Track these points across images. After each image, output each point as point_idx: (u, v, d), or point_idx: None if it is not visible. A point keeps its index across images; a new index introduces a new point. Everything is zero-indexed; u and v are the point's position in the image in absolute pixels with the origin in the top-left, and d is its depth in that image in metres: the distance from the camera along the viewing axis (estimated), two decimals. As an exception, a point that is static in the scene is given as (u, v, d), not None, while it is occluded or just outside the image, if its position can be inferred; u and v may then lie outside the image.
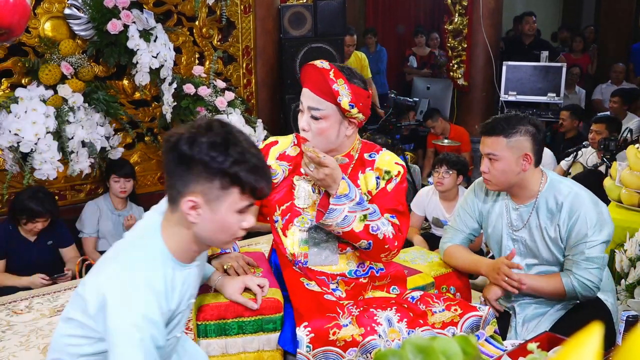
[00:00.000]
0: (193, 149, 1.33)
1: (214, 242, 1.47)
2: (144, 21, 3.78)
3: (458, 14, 6.23)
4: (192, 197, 1.35)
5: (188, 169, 1.34)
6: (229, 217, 1.39)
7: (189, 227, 1.40)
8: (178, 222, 1.41)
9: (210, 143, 1.33)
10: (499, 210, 2.30)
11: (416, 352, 0.58)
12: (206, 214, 1.37)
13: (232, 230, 1.42)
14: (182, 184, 1.36)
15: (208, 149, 1.33)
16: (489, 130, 2.13)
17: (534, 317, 2.24)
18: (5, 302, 3.04)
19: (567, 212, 2.13)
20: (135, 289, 1.34)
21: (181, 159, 1.34)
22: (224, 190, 1.36)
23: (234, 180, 1.35)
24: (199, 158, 1.33)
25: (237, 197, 1.37)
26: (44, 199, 3.26)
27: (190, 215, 1.36)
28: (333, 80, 1.83)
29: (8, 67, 3.65)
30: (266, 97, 4.84)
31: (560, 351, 0.49)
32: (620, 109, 5.53)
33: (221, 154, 1.33)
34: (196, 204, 1.35)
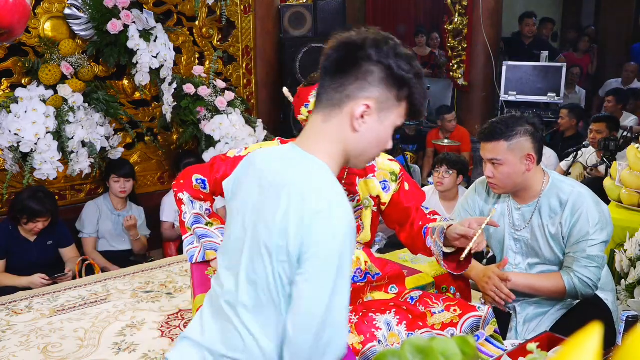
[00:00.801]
0: (380, 52, 1.26)
1: (362, 156, 1.35)
2: (144, 21, 3.78)
3: (458, 14, 6.23)
4: (368, 102, 1.27)
5: (368, 72, 1.26)
6: (388, 131, 1.32)
7: (341, 140, 1.30)
8: (331, 133, 1.30)
9: (397, 51, 1.27)
10: (501, 210, 2.30)
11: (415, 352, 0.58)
12: (372, 123, 1.29)
13: (384, 146, 1.35)
14: (357, 87, 1.27)
15: (395, 56, 1.27)
16: (488, 136, 2.12)
17: (534, 317, 2.24)
18: (5, 302, 3.05)
19: (570, 210, 2.13)
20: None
21: (364, 60, 1.26)
22: (398, 102, 1.30)
23: (410, 94, 1.30)
24: (386, 63, 1.26)
25: (402, 112, 1.32)
26: (45, 199, 3.27)
27: (358, 121, 1.27)
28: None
29: (8, 67, 3.65)
30: (266, 97, 4.84)
31: (560, 351, 0.49)
32: (615, 108, 5.55)
33: (407, 64, 1.27)
34: (369, 110, 1.27)
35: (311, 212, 1.18)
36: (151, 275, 3.40)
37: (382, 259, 2.16)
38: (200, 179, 2.01)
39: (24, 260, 3.33)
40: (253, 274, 1.25)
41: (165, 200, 4.07)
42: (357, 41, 1.27)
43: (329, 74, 1.30)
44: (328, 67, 1.31)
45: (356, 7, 8.39)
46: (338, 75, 1.28)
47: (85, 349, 2.60)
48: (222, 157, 2.04)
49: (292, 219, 1.19)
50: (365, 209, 2.00)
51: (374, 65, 1.26)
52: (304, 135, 1.35)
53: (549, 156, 4.60)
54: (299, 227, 1.18)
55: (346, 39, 1.29)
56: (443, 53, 7.22)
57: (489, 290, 2.15)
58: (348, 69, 1.28)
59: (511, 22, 7.45)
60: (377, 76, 1.26)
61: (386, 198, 2.00)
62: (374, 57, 1.26)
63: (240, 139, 4.03)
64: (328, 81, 1.30)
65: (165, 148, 4.34)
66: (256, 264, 1.24)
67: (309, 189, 1.21)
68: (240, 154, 2.00)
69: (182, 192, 2.04)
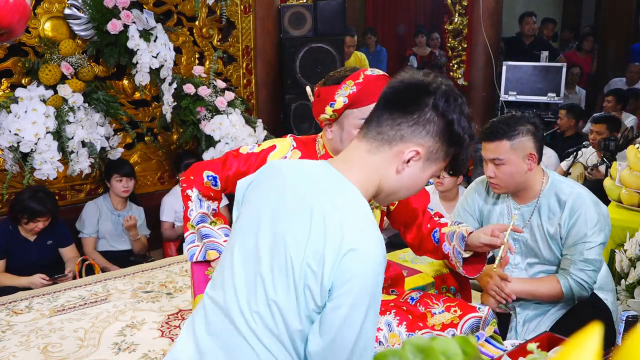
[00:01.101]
0: (448, 105, 1.25)
1: (392, 196, 1.34)
2: (144, 21, 3.78)
3: (458, 14, 6.23)
4: (420, 148, 1.25)
5: (430, 121, 1.25)
6: (425, 180, 1.32)
7: (380, 176, 1.28)
8: (373, 166, 1.28)
9: (462, 108, 1.27)
10: (500, 210, 2.30)
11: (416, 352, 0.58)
12: (416, 169, 1.28)
13: (415, 192, 1.36)
14: (414, 131, 1.25)
15: (460, 113, 1.26)
16: (490, 135, 2.11)
17: (534, 317, 2.24)
18: (5, 302, 3.05)
19: (569, 210, 2.13)
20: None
21: (429, 108, 1.25)
22: (444, 157, 1.29)
23: (456, 154, 1.30)
24: (450, 117, 1.25)
25: (444, 166, 1.32)
26: (45, 199, 3.27)
27: (403, 164, 1.26)
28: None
29: (8, 67, 3.65)
30: (266, 97, 4.84)
31: (560, 351, 0.49)
32: (614, 108, 5.55)
33: (468, 124, 1.28)
34: (418, 157, 1.26)
35: (349, 248, 1.15)
36: (151, 275, 3.40)
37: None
38: (211, 175, 1.98)
39: (24, 260, 3.33)
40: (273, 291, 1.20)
41: (165, 200, 4.07)
42: (430, 87, 1.26)
43: (388, 108, 1.28)
44: (390, 101, 1.29)
45: (356, 7, 8.39)
46: (398, 113, 1.27)
47: (85, 349, 2.60)
48: (234, 154, 2.00)
49: (330, 250, 1.16)
50: (376, 208, 1.99)
51: (438, 116, 1.25)
52: (342, 158, 1.31)
53: (549, 156, 4.60)
54: (335, 260, 1.15)
55: (419, 81, 1.29)
56: (443, 53, 7.22)
57: (490, 290, 2.15)
58: (411, 110, 1.26)
59: (511, 22, 7.46)
60: (437, 127, 1.26)
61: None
62: (441, 108, 1.25)
63: (240, 139, 4.03)
64: (386, 114, 1.28)
65: (165, 148, 4.34)
66: (276, 275, 1.20)
67: (348, 222, 1.18)
68: (253, 150, 1.97)
69: (191, 188, 2.00)
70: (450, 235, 1.95)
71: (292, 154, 1.95)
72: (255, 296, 1.21)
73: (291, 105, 4.75)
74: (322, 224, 1.18)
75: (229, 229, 2.04)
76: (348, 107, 1.81)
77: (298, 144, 1.97)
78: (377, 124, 1.28)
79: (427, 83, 1.27)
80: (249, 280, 1.23)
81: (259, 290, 1.21)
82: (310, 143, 1.98)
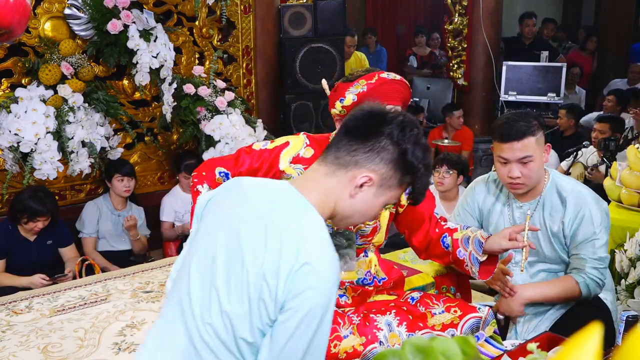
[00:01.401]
0: (403, 134, 1.30)
1: (346, 220, 1.39)
2: (144, 21, 3.78)
3: (458, 14, 6.23)
4: (372, 174, 1.30)
5: (383, 149, 1.30)
6: (378, 207, 1.37)
7: (335, 199, 1.33)
8: (329, 189, 1.33)
9: (417, 139, 1.32)
10: (500, 209, 2.30)
11: (416, 352, 0.58)
12: (369, 194, 1.33)
13: (369, 218, 1.40)
14: (368, 158, 1.30)
15: (414, 144, 1.31)
16: (515, 135, 2.07)
17: (534, 316, 2.24)
18: (5, 302, 3.04)
19: (572, 208, 2.14)
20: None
21: (384, 136, 1.30)
22: (399, 185, 1.34)
23: (412, 183, 1.35)
24: (403, 146, 1.30)
25: (399, 194, 1.37)
26: (45, 198, 3.27)
27: (356, 189, 1.31)
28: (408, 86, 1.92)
29: (8, 67, 3.65)
30: (266, 97, 4.84)
31: (560, 351, 0.49)
32: (614, 108, 5.55)
33: (422, 154, 1.33)
34: (370, 182, 1.31)
35: (304, 262, 1.18)
36: (151, 275, 3.40)
37: (387, 262, 2.16)
38: (223, 172, 1.97)
39: (24, 260, 3.33)
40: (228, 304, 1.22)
41: (165, 200, 4.07)
42: (387, 117, 1.32)
43: (348, 135, 1.33)
44: (350, 128, 1.35)
45: (356, 7, 8.39)
46: (355, 140, 1.32)
47: (85, 349, 2.60)
48: (246, 150, 2.00)
49: (285, 263, 1.19)
50: (385, 209, 1.99)
51: (392, 144, 1.30)
52: (302, 180, 1.37)
53: (549, 155, 4.59)
54: (290, 273, 1.18)
55: (378, 111, 1.34)
56: (443, 53, 7.22)
57: (494, 285, 2.17)
58: (367, 138, 1.31)
59: (511, 22, 7.46)
60: (390, 155, 1.30)
61: (405, 200, 2.00)
62: (395, 137, 1.30)
63: (240, 139, 4.03)
64: (344, 140, 1.33)
65: (165, 148, 4.34)
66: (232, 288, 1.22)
67: (305, 239, 1.22)
68: (267, 147, 1.97)
69: (202, 184, 1.99)
70: (464, 240, 1.97)
71: (305, 151, 1.95)
72: (209, 308, 1.24)
73: (291, 105, 4.75)
74: (279, 239, 1.21)
75: None
76: (357, 105, 1.82)
77: (311, 142, 1.97)
78: (336, 149, 1.34)
79: (385, 113, 1.33)
80: (205, 293, 1.25)
81: (214, 302, 1.23)
82: (323, 141, 1.98)
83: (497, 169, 2.18)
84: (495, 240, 1.90)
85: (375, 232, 2.00)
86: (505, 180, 2.16)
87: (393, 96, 1.85)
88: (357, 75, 1.88)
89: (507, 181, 2.15)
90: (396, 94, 1.86)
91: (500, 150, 2.11)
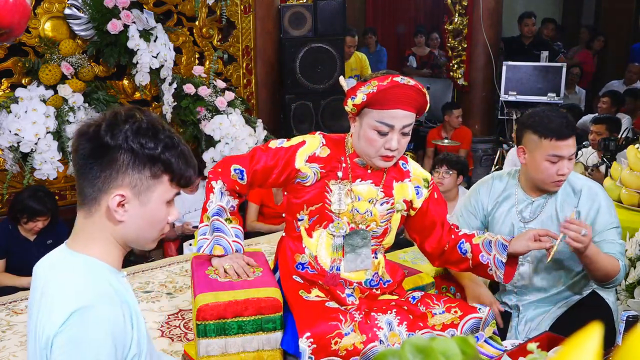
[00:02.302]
0: (117, 137, 1.19)
1: (141, 240, 1.30)
2: (144, 21, 3.78)
3: (458, 14, 6.23)
4: (120, 191, 1.21)
5: (111, 161, 1.20)
6: (158, 210, 1.26)
7: (108, 233, 1.25)
8: (94, 229, 1.25)
9: (136, 129, 1.20)
10: (507, 207, 2.29)
11: (415, 352, 0.58)
12: (135, 208, 1.23)
13: (161, 224, 1.29)
14: (105, 179, 1.21)
15: (135, 136, 1.20)
16: (566, 132, 2.09)
17: (534, 316, 2.24)
18: (5, 302, 3.05)
19: (586, 199, 2.18)
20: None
21: (103, 150, 1.19)
22: (155, 179, 1.23)
23: (166, 166, 1.24)
24: (126, 146, 1.19)
25: (167, 185, 1.26)
26: (44, 198, 3.27)
27: (118, 212, 1.22)
28: (424, 93, 1.88)
29: (8, 67, 3.65)
30: (266, 97, 4.84)
31: (560, 351, 0.49)
32: (609, 109, 5.55)
33: (150, 140, 1.21)
34: (125, 199, 1.21)
35: (54, 327, 1.13)
36: (151, 275, 3.40)
37: (393, 264, 2.17)
38: (238, 169, 1.97)
39: (24, 260, 3.33)
40: None
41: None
42: (90, 131, 1.20)
43: (78, 170, 1.24)
44: (76, 163, 1.25)
45: (356, 7, 8.39)
46: (86, 170, 1.22)
47: (85, 349, 2.60)
48: (262, 148, 2.00)
49: (44, 331, 1.14)
50: (397, 212, 2.00)
51: (115, 152, 1.19)
52: (74, 233, 1.29)
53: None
54: (47, 343, 1.13)
55: (80, 130, 1.22)
56: (442, 53, 7.22)
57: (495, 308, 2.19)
58: (92, 162, 1.21)
59: (511, 22, 7.45)
60: (122, 162, 1.20)
61: (418, 203, 2.02)
62: (112, 144, 1.19)
63: (240, 139, 4.03)
64: (81, 177, 1.24)
65: (165, 148, 4.34)
66: None
67: (57, 299, 1.16)
68: (282, 145, 1.97)
69: (216, 180, 1.99)
70: (485, 245, 2.01)
71: (321, 150, 1.95)
72: None
73: (291, 105, 4.75)
74: (41, 310, 1.18)
75: (240, 231, 2.04)
76: (366, 105, 1.83)
77: (327, 141, 1.97)
78: (80, 188, 1.26)
79: (86, 128, 1.21)
80: None
81: None
82: (340, 142, 1.99)
83: (542, 168, 2.12)
84: (520, 243, 1.96)
85: (386, 233, 2.01)
86: (552, 179, 2.13)
87: (403, 101, 1.82)
88: (372, 75, 1.87)
89: (555, 179, 2.13)
90: (407, 99, 1.82)
91: (554, 148, 2.08)
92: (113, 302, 1.19)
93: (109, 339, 1.14)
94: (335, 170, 1.94)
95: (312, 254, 1.98)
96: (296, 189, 1.96)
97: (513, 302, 2.30)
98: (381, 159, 1.88)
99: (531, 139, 2.14)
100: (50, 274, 1.24)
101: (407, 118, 1.84)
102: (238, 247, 2.02)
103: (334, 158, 1.95)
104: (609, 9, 8.28)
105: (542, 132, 2.10)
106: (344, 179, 1.94)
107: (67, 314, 1.13)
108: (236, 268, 1.98)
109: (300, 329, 1.80)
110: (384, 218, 1.98)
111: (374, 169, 1.96)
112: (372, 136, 1.85)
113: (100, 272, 1.23)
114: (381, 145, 1.84)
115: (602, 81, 7.27)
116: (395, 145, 1.84)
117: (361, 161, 1.95)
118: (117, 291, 1.22)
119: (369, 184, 1.96)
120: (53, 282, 1.21)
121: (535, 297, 2.26)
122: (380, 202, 1.97)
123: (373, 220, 1.97)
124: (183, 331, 2.78)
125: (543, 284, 2.27)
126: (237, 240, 2.02)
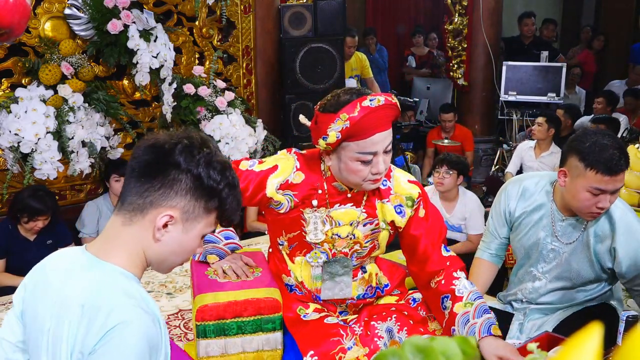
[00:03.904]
0: (189, 160, 1.20)
1: (166, 263, 1.29)
2: (144, 21, 3.78)
3: (458, 14, 6.23)
4: (171, 212, 1.20)
5: (174, 181, 1.20)
6: (194, 241, 1.26)
7: (141, 247, 1.24)
8: (130, 239, 1.23)
9: (209, 159, 1.22)
10: (539, 216, 2.17)
11: (415, 352, 0.58)
12: (176, 232, 1.23)
13: (189, 255, 1.30)
14: (162, 195, 1.20)
15: (206, 165, 1.21)
16: (618, 168, 1.89)
17: (542, 315, 2.23)
18: (6, 302, 3.04)
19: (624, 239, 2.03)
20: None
21: (171, 167, 1.20)
22: (206, 212, 1.24)
23: (221, 203, 1.24)
24: (195, 172, 1.20)
25: (212, 221, 1.26)
26: (45, 197, 3.27)
27: (160, 231, 1.21)
28: (395, 103, 1.75)
29: (8, 67, 3.65)
30: (266, 97, 4.84)
31: (560, 351, 0.49)
32: (604, 110, 5.56)
33: (218, 174, 1.22)
34: (173, 220, 1.21)
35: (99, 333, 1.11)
36: (151, 275, 3.40)
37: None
38: None
39: (24, 260, 3.33)
40: None
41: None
42: (166, 146, 1.21)
43: (135, 176, 1.23)
44: (135, 168, 1.23)
45: (356, 7, 8.39)
46: (144, 179, 1.21)
47: (85, 349, 2.60)
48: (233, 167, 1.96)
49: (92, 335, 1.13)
50: (382, 230, 1.92)
51: (182, 173, 1.20)
52: (103, 237, 1.27)
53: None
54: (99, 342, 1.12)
55: (154, 142, 1.23)
56: (442, 53, 7.22)
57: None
58: (155, 174, 1.21)
59: (511, 22, 7.45)
60: (185, 185, 1.20)
61: (402, 222, 1.90)
62: (183, 165, 1.20)
63: (240, 139, 4.03)
64: (133, 182, 1.23)
65: (165, 148, 4.33)
66: None
67: (95, 306, 1.14)
68: (253, 168, 1.86)
69: None
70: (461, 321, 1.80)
71: (295, 176, 1.84)
72: None
73: (291, 105, 4.75)
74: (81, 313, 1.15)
75: (230, 231, 2.04)
76: (343, 140, 1.70)
77: (301, 165, 1.86)
78: (128, 194, 1.23)
79: (164, 142, 1.22)
80: None
81: None
82: (315, 163, 1.87)
83: (581, 198, 1.95)
84: (487, 350, 1.71)
85: (374, 249, 1.95)
86: (590, 210, 1.96)
87: (380, 123, 1.69)
88: (339, 104, 1.70)
89: (592, 211, 1.96)
90: (383, 120, 1.70)
91: (600, 182, 1.89)
92: (147, 312, 1.19)
93: (146, 352, 1.14)
94: (310, 198, 1.83)
95: (298, 279, 1.94)
96: (272, 213, 1.88)
97: (520, 305, 2.29)
98: (371, 183, 1.77)
99: (576, 166, 1.93)
100: (78, 283, 1.21)
101: (387, 138, 1.73)
102: (233, 247, 2.02)
103: (308, 184, 1.83)
104: (609, 9, 8.28)
105: (589, 163, 1.89)
106: (320, 207, 1.84)
107: (107, 327, 1.12)
108: (235, 269, 1.98)
109: (302, 349, 1.79)
110: (369, 238, 1.90)
111: (354, 192, 1.85)
112: (356, 167, 1.72)
113: (131, 283, 1.23)
114: (368, 172, 1.73)
115: (603, 81, 7.27)
116: (383, 168, 1.73)
117: (339, 185, 1.84)
118: (144, 299, 1.23)
119: (348, 207, 1.86)
120: (86, 293, 1.18)
121: (544, 306, 2.24)
122: (363, 223, 1.87)
123: (357, 242, 1.88)
124: (183, 331, 2.78)
125: (554, 299, 2.23)
126: (229, 242, 2.02)
